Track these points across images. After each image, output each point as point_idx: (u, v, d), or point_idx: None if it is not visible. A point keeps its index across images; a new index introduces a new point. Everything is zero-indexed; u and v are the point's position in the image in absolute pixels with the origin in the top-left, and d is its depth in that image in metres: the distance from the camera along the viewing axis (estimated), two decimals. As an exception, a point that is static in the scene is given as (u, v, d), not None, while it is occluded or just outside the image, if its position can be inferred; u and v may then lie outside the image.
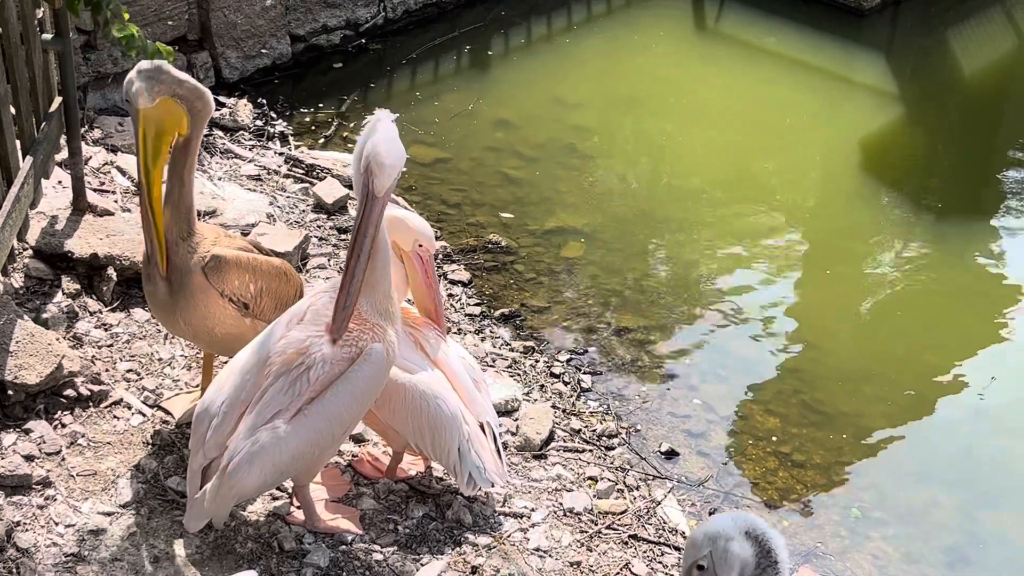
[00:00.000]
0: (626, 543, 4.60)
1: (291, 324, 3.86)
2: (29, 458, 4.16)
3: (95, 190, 5.58)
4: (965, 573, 4.99)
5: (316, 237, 6.02)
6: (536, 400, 5.38)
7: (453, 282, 6.14)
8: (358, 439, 4.71)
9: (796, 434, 5.53)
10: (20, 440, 4.22)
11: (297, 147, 7.00)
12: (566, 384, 5.60)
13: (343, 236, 6.07)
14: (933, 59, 9.10)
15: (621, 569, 4.42)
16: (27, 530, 3.92)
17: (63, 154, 5.43)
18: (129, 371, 4.73)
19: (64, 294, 4.90)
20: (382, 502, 4.41)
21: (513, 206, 6.87)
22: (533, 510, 4.60)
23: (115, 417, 4.47)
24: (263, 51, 7.63)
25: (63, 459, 4.23)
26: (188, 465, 3.84)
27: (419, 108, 7.74)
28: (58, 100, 5.16)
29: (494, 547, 4.33)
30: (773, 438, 5.50)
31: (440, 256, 6.23)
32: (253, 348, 3.87)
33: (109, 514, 4.04)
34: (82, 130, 5.72)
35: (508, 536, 4.41)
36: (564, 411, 5.37)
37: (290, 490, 4.23)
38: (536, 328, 6.00)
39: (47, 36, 4.98)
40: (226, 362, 4.24)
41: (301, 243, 5.68)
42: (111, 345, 4.84)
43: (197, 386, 4.66)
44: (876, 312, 6.49)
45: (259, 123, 7.12)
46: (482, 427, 4.35)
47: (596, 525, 4.64)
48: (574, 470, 4.96)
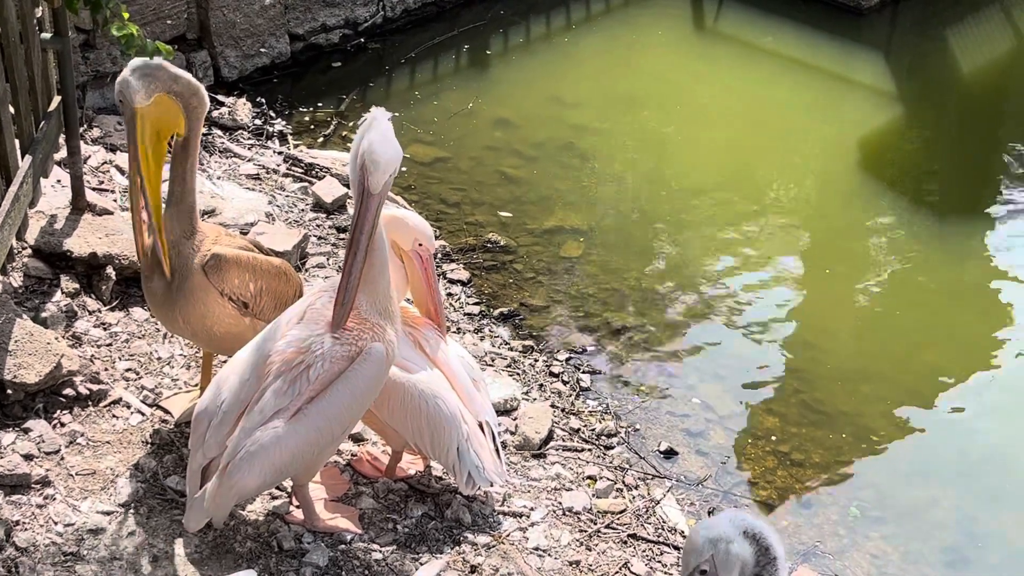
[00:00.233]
0: (625, 542, 4.60)
1: (291, 323, 3.86)
2: (28, 457, 4.16)
3: (94, 189, 5.58)
4: (964, 572, 4.99)
5: (315, 236, 6.01)
6: (535, 399, 5.38)
7: (452, 281, 6.14)
8: (357, 438, 4.71)
9: (795, 433, 5.53)
10: (19, 439, 4.22)
11: (296, 146, 7.00)
12: (565, 383, 5.59)
13: (342, 235, 6.06)
14: (932, 58, 9.10)
15: (620, 568, 4.42)
16: (26, 529, 3.91)
17: (62, 153, 5.43)
18: (128, 370, 4.73)
19: (63, 293, 4.90)
20: (381, 501, 4.41)
21: (512, 205, 6.87)
22: (532, 509, 4.60)
23: (114, 416, 4.47)
24: (262, 50, 7.62)
25: (62, 458, 4.22)
26: (187, 464, 3.84)
27: (418, 107, 7.74)
28: (57, 99, 5.16)
29: (493, 546, 4.33)
30: (772, 437, 5.50)
31: (439, 255, 6.23)
32: (252, 347, 3.87)
33: (108, 513, 4.04)
34: (81, 129, 5.72)
35: (507, 535, 4.41)
36: (563, 410, 5.37)
37: (289, 489, 4.23)
38: (535, 327, 6.00)
39: (46, 35, 4.97)
40: (225, 361, 4.24)
41: (300, 242, 5.68)
42: (110, 344, 4.84)
43: (196, 385, 4.66)
44: (875, 311, 6.49)
45: (258, 122, 7.12)
46: (481, 426, 4.35)
47: (595, 524, 4.64)
48: (573, 469, 4.96)
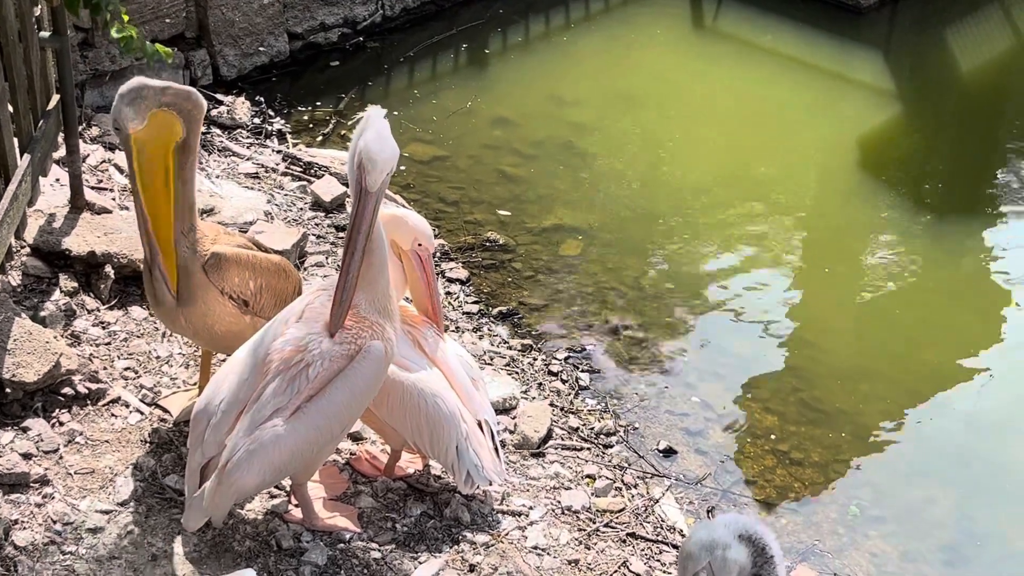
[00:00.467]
0: (624, 541, 4.60)
1: (289, 322, 3.86)
2: (27, 456, 4.16)
3: (93, 188, 5.58)
4: (963, 571, 5.00)
5: (314, 235, 6.01)
6: (534, 398, 5.38)
7: (451, 280, 6.14)
8: (356, 437, 4.71)
9: (794, 432, 5.53)
10: (18, 438, 4.22)
11: (295, 145, 6.99)
12: (564, 382, 5.59)
13: (341, 234, 6.06)
14: (931, 57, 9.10)
15: (619, 567, 4.42)
16: (25, 528, 3.91)
17: (61, 152, 5.43)
18: (127, 369, 4.72)
19: (62, 292, 4.89)
20: (380, 500, 4.41)
21: (511, 204, 6.87)
22: (531, 508, 4.60)
23: (113, 415, 4.47)
24: (261, 49, 7.62)
25: (61, 457, 4.22)
26: (186, 463, 3.84)
27: (417, 106, 7.74)
28: (56, 98, 5.15)
29: (492, 545, 4.33)
30: (771, 436, 5.50)
31: (438, 254, 6.23)
32: (251, 346, 3.86)
33: (107, 512, 4.04)
34: (80, 128, 5.72)
35: (506, 534, 4.41)
36: (562, 409, 5.37)
37: (288, 488, 4.23)
38: (534, 326, 6.00)
39: (45, 34, 4.97)
40: (224, 360, 4.24)
41: (299, 241, 5.68)
42: (109, 343, 4.84)
43: (195, 384, 4.66)
44: (874, 310, 6.49)
45: (257, 121, 7.12)
46: (480, 425, 4.35)
47: (594, 523, 4.64)
48: (572, 468, 4.96)
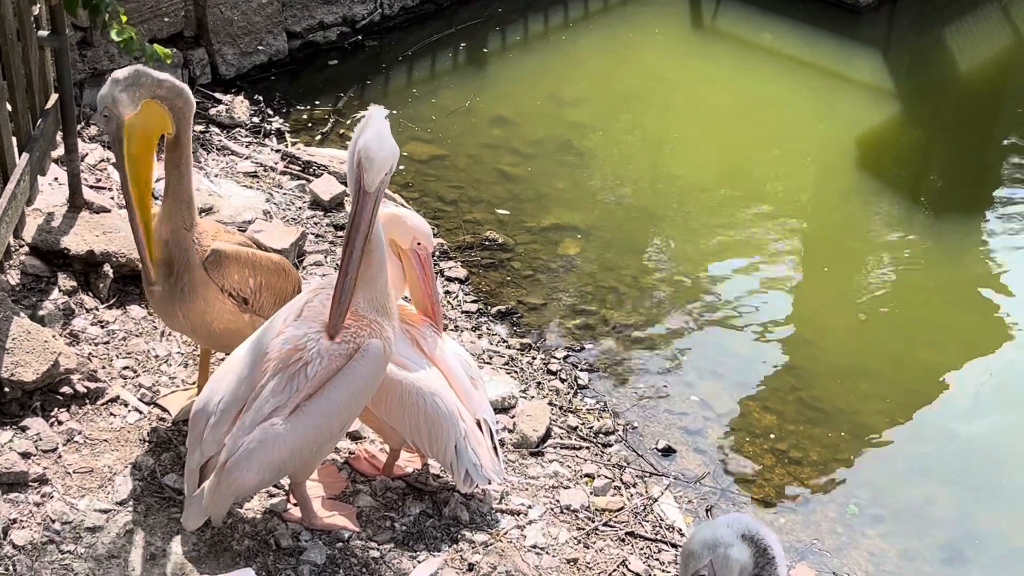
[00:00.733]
0: (623, 540, 4.60)
1: (288, 321, 3.86)
2: (26, 455, 4.16)
3: (91, 187, 5.57)
4: (961, 570, 5.00)
5: (313, 234, 6.01)
6: (533, 397, 5.38)
7: (450, 279, 6.14)
8: (355, 436, 4.71)
9: (793, 431, 5.54)
10: (17, 437, 4.22)
11: (294, 144, 6.99)
12: (563, 381, 5.59)
13: (339, 233, 6.06)
14: (929, 56, 9.11)
15: (618, 566, 4.42)
16: (24, 527, 3.91)
17: (59, 151, 5.43)
18: (126, 368, 4.72)
19: (60, 291, 4.89)
20: (379, 499, 4.41)
21: (510, 203, 6.87)
22: (530, 507, 4.60)
23: (112, 414, 4.47)
24: (260, 48, 7.62)
25: (60, 456, 4.22)
26: (185, 463, 3.84)
27: (416, 105, 7.74)
28: (54, 97, 5.15)
29: (491, 544, 4.33)
30: (770, 435, 5.50)
31: (437, 253, 6.22)
32: (250, 345, 3.86)
33: (106, 511, 4.03)
34: (78, 127, 5.71)
35: (505, 533, 4.41)
36: (561, 408, 5.37)
37: (287, 487, 4.23)
38: (533, 325, 6.00)
39: (43, 33, 4.97)
40: (223, 359, 4.23)
41: (298, 240, 5.68)
42: (107, 342, 4.84)
43: (194, 383, 4.66)
44: (873, 309, 6.49)
45: (256, 120, 7.12)
46: (479, 424, 4.34)
47: (593, 522, 4.64)
48: (571, 467, 4.96)
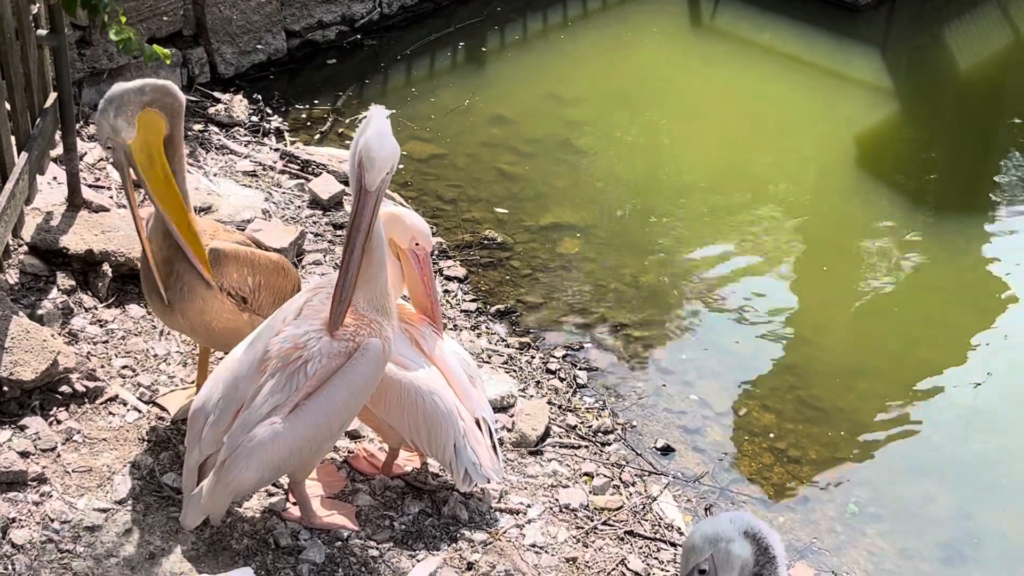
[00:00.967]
0: (622, 539, 4.60)
1: (287, 320, 3.86)
2: (24, 454, 4.16)
3: (90, 186, 5.57)
4: (960, 569, 5.00)
5: (312, 233, 6.01)
6: (532, 396, 5.38)
7: (449, 278, 6.14)
8: (354, 435, 4.71)
9: (792, 430, 5.54)
10: (15, 436, 4.22)
11: (292, 143, 6.99)
12: (562, 380, 5.59)
13: (339, 232, 6.06)
14: (928, 55, 9.11)
15: (617, 565, 4.42)
16: (22, 526, 3.91)
17: (58, 150, 5.42)
18: (124, 367, 4.72)
19: (59, 290, 4.89)
20: (378, 498, 4.41)
21: (509, 202, 6.87)
22: (529, 506, 4.60)
23: (110, 413, 4.47)
24: (258, 47, 7.62)
25: (58, 455, 4.22)
26: (184, 461, 3.84)
27: (415, 104, 7.74)
28: (53, 96, 5.15)
29: (490, 543, 4.33)
30: (769, 434, 5.50)
31: (436, 252, 6.22)
32: (249, 344, 3.86)
33: (105, 510, 4.03)
34: (77, 126, 5.71)
35: (504, 532, 4.41)
36: (560, 407, 5.37)
37: (286, 486, 4.23)
38: (532, 324, 5.99)
39: (42, 32, 4.97)
40: (222, 358, 4.23)
41: (297, 239, 5.67)
42: (106, 341, 4.84)
43: (193, 382, 4.66)
44: (872, 308, 6.49)
45: (254, 119, 7.12)
46: (478, 423, 4.35)
47: (592, 521, 4.64)
48: (570, 466, 4.96)
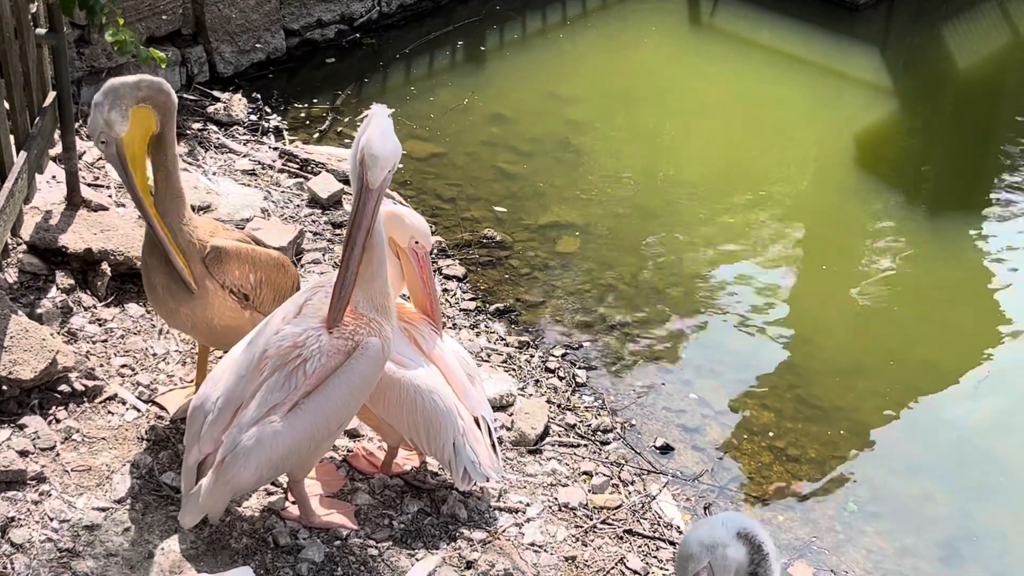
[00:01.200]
0: (621, 538, 4.61)
1: (287, 318, 3.86)
2: (23, 453, 4.16)
3: (89, 185, 5.57)
4: (959, 568, 5.00)
5: (311, 232, 6.01)
6: (531, 395, 5.38)
7: (448, 277, 6.14)
8: (353, 434, 4.71)
9: (791, 429, 5.54)
10: (14, 435, 4.22)
11: (291, 142, 6.99)
12: (561, 379, 5.59)
13: (338, 231, 6.06)
14: (927, 53, 9.11)
15: (616, 564, 4.43)
16: (21, 525, 3.91)
17: (57, 149, 5.42)
18: (123, 366, 4.72)
19: (58, 289, 4.89)
20: (377, 497, 4.41)
21: (508, 201, 6.87)
22: (528, 505, 4.60)
23: (110, 412, 4.47)
24: (257, 45, 7.61)
25: (58, 454, 4.22)
26: (183, 460, 3.84)
27: (414, 103, 7.74)
28: (52, 95, 5.15)
29: (489, 542, 4.33)
30: (768, 433, 5.50)
31: (435, 251, 6.22)
32: (248, 343, 3.86)
33: (104, 509, 4.03)
34: (76, 125, 5.70)
35: (503, 531, 4.41)
36: (559, 406, 5.37)
37: (285, 485, 4.23)
38: (531, 323, 5.99)
39: (41, 31, 4.96)
40: (220, 357, 4.23)
41: (296, 238, 5.67)
42: (105, 340, 4.84)
43: (192, 381, 4.66)
44: (871, 307, 6.49)
45: (253, 118, 7.12)
46: (477, 422, 4.35)
47: (591, 520, 4.64)
48: (569, 465, 4.96)
